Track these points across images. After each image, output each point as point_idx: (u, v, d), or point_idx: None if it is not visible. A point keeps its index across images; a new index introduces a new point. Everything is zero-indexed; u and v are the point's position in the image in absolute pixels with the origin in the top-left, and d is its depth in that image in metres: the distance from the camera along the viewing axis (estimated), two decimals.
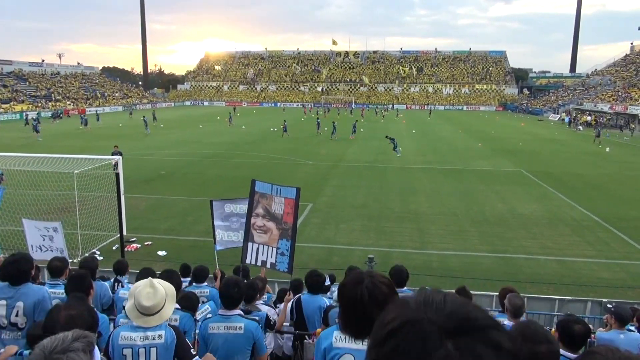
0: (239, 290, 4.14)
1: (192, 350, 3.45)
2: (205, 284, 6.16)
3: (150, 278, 3.51)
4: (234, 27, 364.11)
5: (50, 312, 2.88)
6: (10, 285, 4.03)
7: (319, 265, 11.37)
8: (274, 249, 6.28)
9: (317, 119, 43.52)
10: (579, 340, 3.16)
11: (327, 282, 6.96)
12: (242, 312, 4.21)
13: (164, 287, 3.42)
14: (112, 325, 4.42)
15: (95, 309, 3.92)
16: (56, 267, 5.09)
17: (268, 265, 6.34)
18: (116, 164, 12.34)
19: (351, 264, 10.83)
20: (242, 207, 7.23)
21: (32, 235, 9.04)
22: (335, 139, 37.39)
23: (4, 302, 4.00)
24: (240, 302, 4.23)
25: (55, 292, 4.60)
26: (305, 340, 4.98)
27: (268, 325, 4.82)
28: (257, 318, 4.31)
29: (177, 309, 4.06)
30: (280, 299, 6.81)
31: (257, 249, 6.46)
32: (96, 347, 1.92)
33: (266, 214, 6.34)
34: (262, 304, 5.46)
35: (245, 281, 5.24)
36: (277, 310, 5.97)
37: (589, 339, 5.15)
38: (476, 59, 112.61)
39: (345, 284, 2.09)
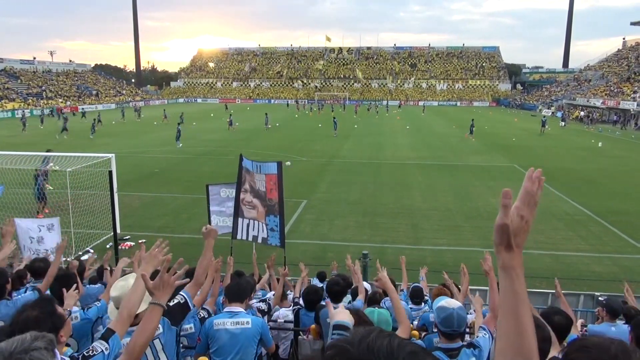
0: (246, 282, 4.27)
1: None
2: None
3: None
4: (227, 24, 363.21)
5: (16, 312, 2.77)
6: None
7: (314, 261, 11.38)
8: (264, 225, 6.20)
9: (334, 118, 41.11)
10: (558, 332, 3.16)
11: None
12: (244, 310, 4.22)
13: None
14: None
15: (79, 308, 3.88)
16: (38, 268, 4.97)
17: (259, 240, 6.27)
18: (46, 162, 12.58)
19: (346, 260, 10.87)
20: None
21: (24, 236, 8.91)
22: (334, 135, 37.44)
23: None
24: (246, 295, 4.28)
25: None
26: (300, 337, 5.00)
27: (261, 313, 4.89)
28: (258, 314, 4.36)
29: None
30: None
31: (248, 224, 6.37)
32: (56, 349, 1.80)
33: (252, 190, 6.27)
34: (256, 301, 5.48)
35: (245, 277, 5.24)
36: (270, 295, 6.02)
37: (580, 333, 5.21)
38: (470, 54, 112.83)
39: None
